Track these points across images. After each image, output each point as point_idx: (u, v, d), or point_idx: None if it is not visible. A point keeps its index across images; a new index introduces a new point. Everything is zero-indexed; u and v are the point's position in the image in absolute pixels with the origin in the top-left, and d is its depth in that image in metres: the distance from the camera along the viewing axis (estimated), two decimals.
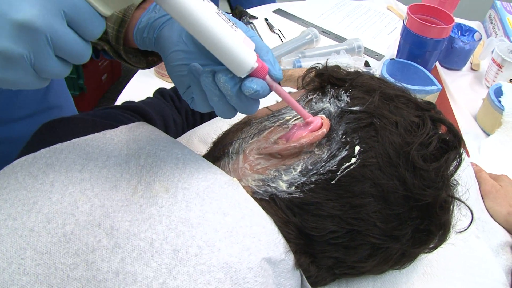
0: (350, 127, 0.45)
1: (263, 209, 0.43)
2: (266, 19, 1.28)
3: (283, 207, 0.43)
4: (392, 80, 0.66)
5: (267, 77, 0.42)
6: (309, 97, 0.51)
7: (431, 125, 0.46)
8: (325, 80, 0.51)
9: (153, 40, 0.45)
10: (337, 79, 0.51)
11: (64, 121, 0.51)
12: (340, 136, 0.45)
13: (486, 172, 0.72)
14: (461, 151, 0.47)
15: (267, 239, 0.41)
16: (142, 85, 1.00)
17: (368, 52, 1.20)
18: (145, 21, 0.46)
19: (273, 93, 0.43)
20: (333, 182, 0.43)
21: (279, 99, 0.58)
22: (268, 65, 0.42)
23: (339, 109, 0.47)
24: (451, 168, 0.46)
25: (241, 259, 0.38)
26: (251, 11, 1.31)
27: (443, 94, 1.08)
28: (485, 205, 0.67)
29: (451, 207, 0.47)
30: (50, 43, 0.32)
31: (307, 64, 1.03)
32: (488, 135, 0.97)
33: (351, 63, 1.06)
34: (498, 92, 0.98)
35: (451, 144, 0.46)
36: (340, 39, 1.24)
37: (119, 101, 0.85)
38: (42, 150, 0.45)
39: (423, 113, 0.47)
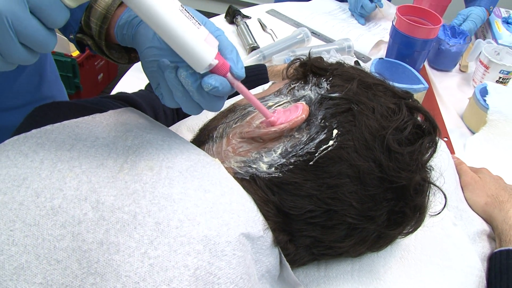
0: (329, 112, 0.47)
1: (244, 188, 0.45)
2: (259, 19, 1.30)
3: (263, 186, 0.45)
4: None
5: (229, 74, 0.43)
6: (292, 86, 0.53)
7: (407, 112, 0.48)
8: (308, 70, 0.54)
9: (131, 37, 0.47)
10: (319, 69, 0.53)
11: (55, 105, 0.53)
12: (319, 121, 0.47)
13: (467, 165, 0.74)
14: (437, 138, 0.49)
15: (246, 216, 0.43)
16: (135, 81, 1.01)
17: (359, 55, 1.22)
18: (125, 19, 0.48)
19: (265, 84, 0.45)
20: (311, 163, 0.45)
21: (266, 88, 0.60)
22: (230, 63, 0.43)
23: (319, 96, 0.49)
24: (427, 154, 0.48)
25: (220, 233, 0.40)
26: (244, 11, 1.33)
27: (430, 94, 1.10)
28: (464, 196, 0.69)
29: (426, 191, 0.49)
30: (12, 28, 0.34)
31: None
32: (473, 133, 0.99)
33: None
34: (484, 92, 1.00)
35: (426, 130, 0.48)
36: (331, 41, 1.26)
37: None
38: (33, 131, 0.47)
39: (399, 100, 0.49)
